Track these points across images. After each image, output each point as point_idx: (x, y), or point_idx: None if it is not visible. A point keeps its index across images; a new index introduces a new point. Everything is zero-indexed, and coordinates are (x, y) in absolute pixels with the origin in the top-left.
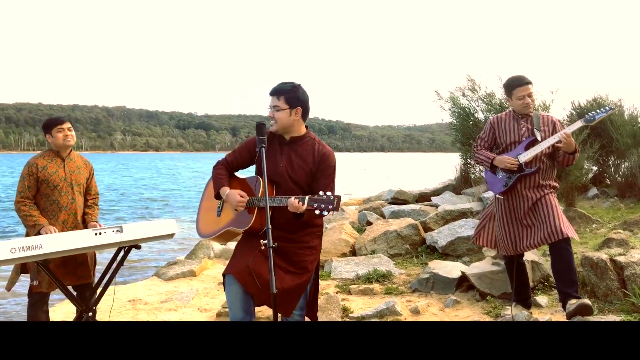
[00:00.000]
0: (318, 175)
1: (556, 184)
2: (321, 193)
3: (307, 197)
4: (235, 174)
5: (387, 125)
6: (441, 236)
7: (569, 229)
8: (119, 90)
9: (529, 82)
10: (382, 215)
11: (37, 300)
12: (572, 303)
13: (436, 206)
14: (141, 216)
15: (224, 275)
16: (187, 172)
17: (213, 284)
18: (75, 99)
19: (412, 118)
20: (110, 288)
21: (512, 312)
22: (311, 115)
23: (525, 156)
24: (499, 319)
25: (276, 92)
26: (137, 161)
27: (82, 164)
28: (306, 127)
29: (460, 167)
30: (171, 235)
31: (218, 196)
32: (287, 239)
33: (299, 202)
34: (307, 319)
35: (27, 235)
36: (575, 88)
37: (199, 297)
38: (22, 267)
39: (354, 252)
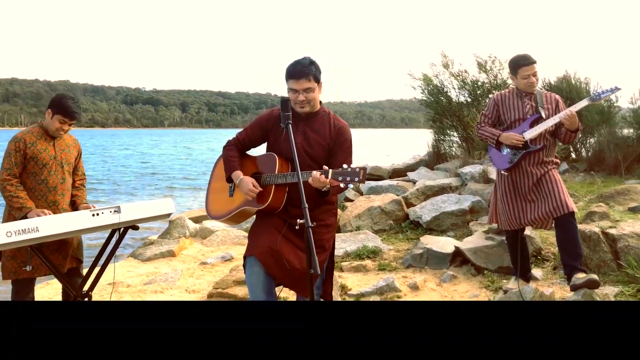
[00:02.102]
0: (335, 150)
1: (558, 160)
2: (345, 166)
3: (330, 170)
4: (247, 152)
5: (338, 101)
6: (425, 211)
7: (572, 204)
8: (62, 63)
9: (534, 62)
10: (359, 191)
11: (23, 287)
12: (580, 277)
13: (413, 182)
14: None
15: (245, 257)
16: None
17: (194, 264)
18: (14, 72)
19: (362, 95)
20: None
21: (519, 286)
22: (263, 91)
23: (531, 133)
24: (502, 294)
25: (305, 73)
26: (85, 139)
27: (72, 143)
28: (320, 101)
29: (432, 143)
30: (168, 215)
31: (230, 179)
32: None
33: (321, 176)
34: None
35: (8, 217)
36: (545, 66)
37: (184, 278)
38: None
39: (338, 229)
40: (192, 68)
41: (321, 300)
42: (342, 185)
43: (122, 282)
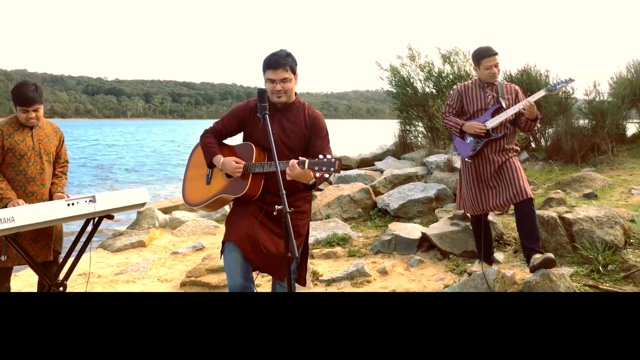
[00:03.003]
0: (313, 140)
1: (518, 148)
2: (321, 156)
3: (307, 160)
4: (224, 142)
5: (305, 92)
6: (392, 199)
7: (530, 191)
8: (19, 52)
9: (496, 53)
10: (329, 181)
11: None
12: (537, 257)
13: (380, 171)
14: None
15: (223, 242)
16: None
17: (165, 254)
18: None
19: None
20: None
21: (482, 269)
22: (228, 81)
23: (492, 122)
24: (466, 276)
25: (282, 63)
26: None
27: (52, 132)
28: (295, 92)
29: (398, 133)
30: (142, 205)
31: (211, 165)
32: (280, 203)
33: (299, 165)
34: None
35: None
36: (506, 58)
37: (156, 267)
38: None
39: None
40: (156, 58)
41: (296, 284)
42: (317, 175)
43: (93, 272)
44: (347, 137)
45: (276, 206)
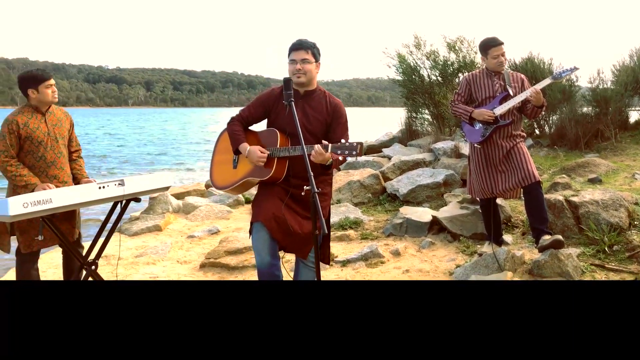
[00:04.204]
0: (334, 126)
1: (524, 134)
2: (343, 141)
3: (330, 145)
4: (249, 128)
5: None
6: (401, 185)
7: (538, 174)
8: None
9: (502, 43)
10: (338, 167)
11: (28, 258)
12: (546, 239)
13: (388, 157)
14: None
15: (251, 223)
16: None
17: (182, 237)
18: None
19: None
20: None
21: (493, 249)
22: (229, 69)
23: (500, 109)
24: (477, 257)
25: (304, 46)
26: None
27: (63, 116)
28: (316, 81)
29: (405, 121)
30: (167, 188)
31: (237, 152)
32: (303, 187)
33: (322, 149)
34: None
35: (12, 193)
36: (510, 47)
37: (174, 250)
38: (12, 226)
39: None
40: (157, 46)
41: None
42: (340, 158)
43: (113, 255)
44: (350, 125)
45: (305, 187)
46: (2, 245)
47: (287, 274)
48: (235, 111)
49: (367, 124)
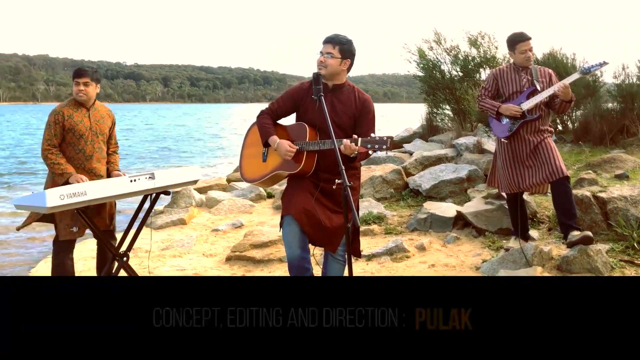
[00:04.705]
0: (361, 120)
1: (552, 129)
2: (372, 135)
3: (359, 138)
4: (279, 122)
5: None
6: (424, 180)
7: (566, 169)
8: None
9: (530, 38)
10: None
11: (64, 248)
12: (575, 234)
13: (410, 153)
14: None
15: (282, 216)
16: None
17: (206, 231)
18: None
19: None
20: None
21: (520, 244)
22: (246, 65)
23: (528, 104)
24: (503, 252)
25: (332, 40)
26: None
27: (106, 114)
28: (345, 76)
29: (425, 116)
30: (196, 181)
31: (267, 144)
32: (332, 180)
33: (352, 144)
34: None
35: (52, 183)
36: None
37: (199, 243)
38: (52, 214)
39: None
40: (174, 42)
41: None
42: (370, 152)
43: (140, 247)
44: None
45: (336, 180)
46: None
47: (317, 266)
48: (251, 107)
49: (384, 120)
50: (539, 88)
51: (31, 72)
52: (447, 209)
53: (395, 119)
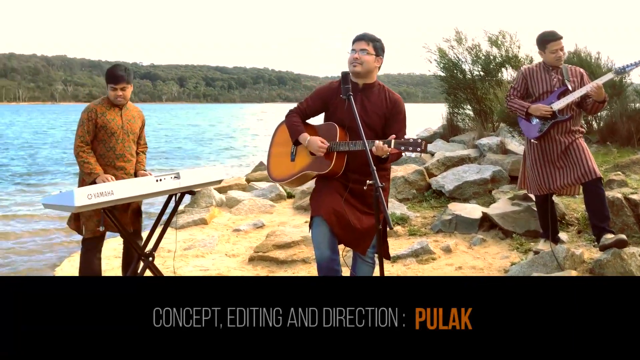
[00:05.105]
0: (391, 121)
1: (583, 129)
2: (407, 136)
3: (393, 140)
4: (307, 121)
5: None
6: (447, 181)
7: (599, 170)
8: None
9: (561, 37)
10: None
11: (92, 247)
12: (609, 237)
13: (431, 153)
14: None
15: (312, 217)
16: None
17: (227, 231)
18: (11, 47)
19: None
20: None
21: (551, 247)
22: (260, 65)
23: (559, 105)
24: (532, 255)
25: (365, 37)
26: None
27: (137, 114)
28: (376, 75)
29: (446, 116)
30: (220, 182)
31: (297, 142)
32: (362, 181)
33: (384, 145)
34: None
35: (82, 183)
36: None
37: (222, 243)
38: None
39: None
40: (190, 43)
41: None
42: (404, 154)
43: (163, 247)
44: None
45: (367, 181)
46: (77, 228)
47: (344, 267)
48: (266, 107)
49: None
50: (570, 88)
51: (50, 73)
52: (472, 210)
53: (412, 118)
